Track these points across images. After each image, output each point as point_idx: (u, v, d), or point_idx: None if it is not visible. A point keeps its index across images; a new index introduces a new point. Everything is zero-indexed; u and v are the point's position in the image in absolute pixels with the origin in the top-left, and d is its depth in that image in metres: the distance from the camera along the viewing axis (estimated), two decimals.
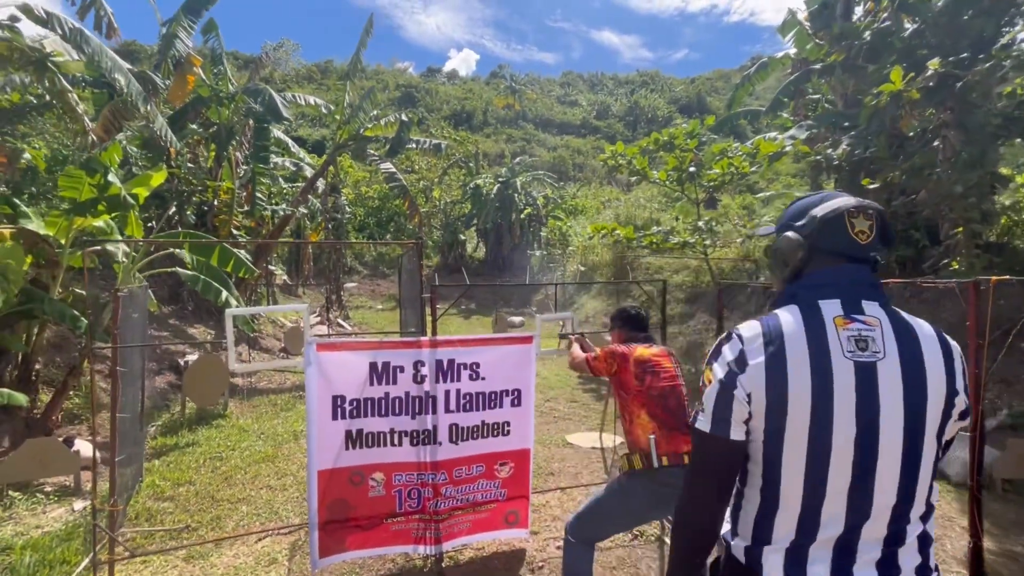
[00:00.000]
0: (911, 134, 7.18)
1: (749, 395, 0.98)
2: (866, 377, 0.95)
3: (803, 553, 0.98)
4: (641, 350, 2.47)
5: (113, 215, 5.19)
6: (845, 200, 1.05)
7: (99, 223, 5.20)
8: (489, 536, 3.32)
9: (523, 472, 3.29)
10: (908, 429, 0.95)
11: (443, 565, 3.14)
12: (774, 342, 0.98)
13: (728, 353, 1.02)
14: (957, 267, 5.87)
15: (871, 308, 1.02)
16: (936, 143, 5.96)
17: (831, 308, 1.01)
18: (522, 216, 23.35)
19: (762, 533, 1.02)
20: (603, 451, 4.84)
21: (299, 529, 3.44)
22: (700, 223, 9.05)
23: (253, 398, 7.25)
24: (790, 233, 1.09)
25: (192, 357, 7.69)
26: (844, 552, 0.97)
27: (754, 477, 1.03)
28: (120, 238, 5.37)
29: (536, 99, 59.45)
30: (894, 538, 0.98)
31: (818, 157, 7.29)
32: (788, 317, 1.02)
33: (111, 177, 4.82)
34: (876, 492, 0.96)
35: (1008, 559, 3.15)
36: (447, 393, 3.14)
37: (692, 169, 9.44)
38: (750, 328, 1.03)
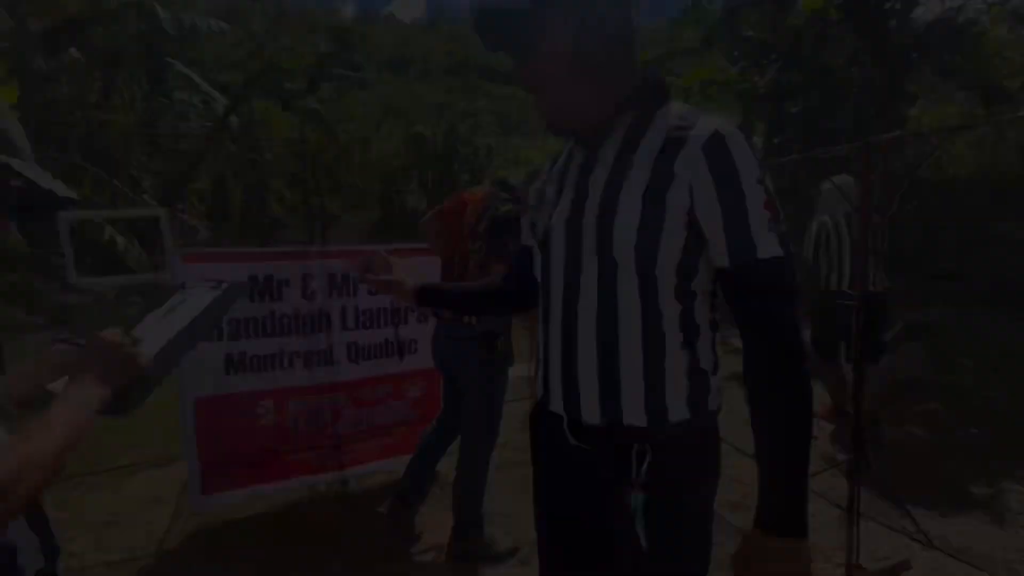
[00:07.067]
0: (833, 67, 7.27)
1: None
2: None
3: None
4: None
5: None
6: None
7: None
8: (403, 459, 3.16)
9: (435, 392, 3.11)
10: None
11: (349, 487, 2.97)
12: None
13: None
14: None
15: None
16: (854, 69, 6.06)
17: None
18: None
19: None
20: (531, 380, 4.78)
21: (175, 464, 3.15)
22: None
23: None
24: None
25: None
26: None
27: None
28: None
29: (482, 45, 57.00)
30: None
31: (745, 84, 7.32)
32: None
33: None
34: None
35: None
36: (343, 309, 2.88)
37: None
38: None
